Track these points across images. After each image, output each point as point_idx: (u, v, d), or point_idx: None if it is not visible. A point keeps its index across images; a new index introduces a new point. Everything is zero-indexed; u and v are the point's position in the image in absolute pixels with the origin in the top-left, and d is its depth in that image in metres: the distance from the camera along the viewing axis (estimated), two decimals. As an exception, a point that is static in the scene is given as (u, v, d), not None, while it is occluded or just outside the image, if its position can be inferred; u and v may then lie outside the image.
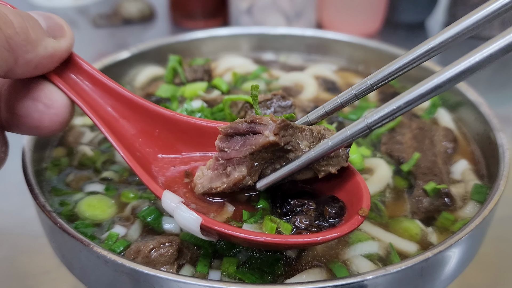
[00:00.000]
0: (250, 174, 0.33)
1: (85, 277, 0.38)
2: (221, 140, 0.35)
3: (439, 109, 0.56)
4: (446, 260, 0.36)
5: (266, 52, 0.68)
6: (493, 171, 0.45)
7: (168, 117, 0.38)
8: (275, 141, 0.32)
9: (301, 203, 0.35)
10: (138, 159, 0.36)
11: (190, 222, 0.32)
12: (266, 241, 0.31)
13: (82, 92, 0.37)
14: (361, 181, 0.34)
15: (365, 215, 0.32)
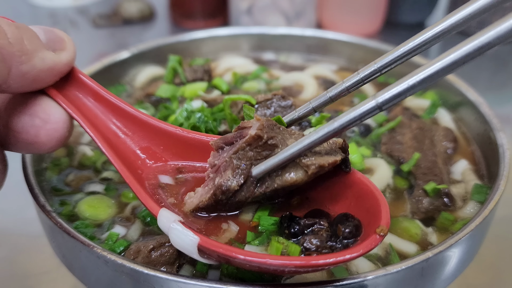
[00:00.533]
0: (234, 176, 0.31)
1: (85, 277, 0.38)
2: (213, 156, 0.34)
3: (439, 109, 0.56)
4: (446, 260, 0.36)
5: (266, 52, 0.68)
6: (493, 171, 0.45)
7: (172, 134, 0.36)
8: (257, 133, 0.30)
9: (311, 222, 0.32)
10: (139, 176, 0.35)
11: (186, 242, 0.30)
12: (269, 263, 0.28)
13: (83, 108, 0.36)
14: (379, 196, 0.31)
15: (384, 234, 0.29)
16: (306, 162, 0.31)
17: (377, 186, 0.44)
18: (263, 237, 0.33)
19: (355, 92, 0.59)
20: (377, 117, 0.54)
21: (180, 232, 0.30)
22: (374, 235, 0.29)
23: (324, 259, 0.28)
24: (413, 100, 0.57)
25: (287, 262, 0.28)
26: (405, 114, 0.54)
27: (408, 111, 0.54)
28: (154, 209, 0.32)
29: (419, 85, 0.26)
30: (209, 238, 0.30)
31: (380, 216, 0.30)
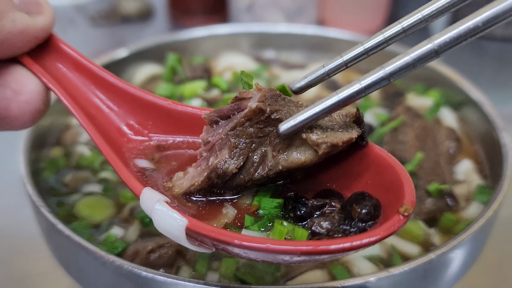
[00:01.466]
0: (232, 156, 0.27)
1: (83, 279, 0.38)
2: (206, 131, 0.29)
3: (441, 108, 0.55)
4: (449, 262, 0.36)
5: (267, 49, 0.68)
6: (496, 171, 0.45)
7: (163, 107, 0.32)
8: (259, 107, 0.26)
9: (321, 203, 0.27)
10: (123, 154, 0.31)
11: (172, 225, 0.25)
12: (271, 249, 0.23)
13: (62, 79, 0.32)
14: (401, 171, 0.26)
15: (409, 214, 0.24)
16: (316, 140, 0.26)
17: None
18: (264, 222, 0.28)
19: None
20: (379, 116, 0.53)
21: (165, 214, 0.25)
22: (397, 215, 0.24)
23: (337, 244, 0.23)
24: (415, 100, 0.57)
25: (292, 247, 0.23)
26: (408, 113, 0.53)
27: (410, 111, 0.54)
28: (136, 188, 0.28)
29: (483, 26, 0.22)
30: (201, 221, 0.26)
31: (403, 194, 0.25)
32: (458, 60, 0.63)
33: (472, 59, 0.73)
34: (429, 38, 0.24)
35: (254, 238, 0.24)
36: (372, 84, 0.25)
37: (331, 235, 0.26)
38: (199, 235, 0.25)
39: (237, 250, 0.25)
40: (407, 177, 0.26)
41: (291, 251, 0.23)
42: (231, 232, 0.25)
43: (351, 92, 0.25)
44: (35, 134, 0.46)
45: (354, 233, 0.26)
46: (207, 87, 0.55)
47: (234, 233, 0.25)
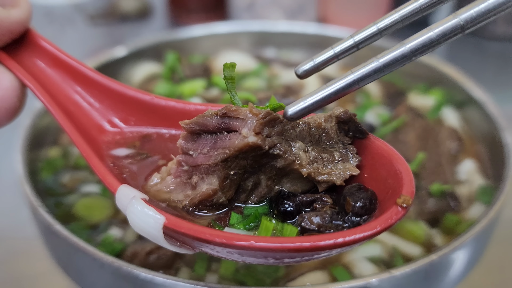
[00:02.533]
0: (223, 188, 0.25)
1: (81, 280, 0.37)
2: (185, 140, 0.26)
3: (443, 108, 0.55)
4: (451, 263, 0.36)
5: (267, 47, 0.67)
6: (499, 171, 0.44)
7: (146, 103, 0.30)
8: (256, 143, 0.24)
9: (311, 199, 0.25)
10: (102, 152, 0.30)
11: (148, 223, 0.23)
12: (255, 247, 0.21)
13: (40, 75, 0.31)
14: (400, 161, 0.24)
15: (408, 205, 0.22)
16: (320, 179, 0.25)
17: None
18: (251, 220, 0.26)
19: (358, 91, 0.58)
20: (381, 116, 0.53)
21: (139, 211, 0.23)
22: (394, 207, 0.22)
23: (328, 240, 0.21)
24: (417, 99, 0.56)
25: (278, 244, 0.21)
26: (409, 113, 0.53)
27: (412, 110, 0.54)
28: (113, 185, 0.26)
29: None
30: (180, 218, 0.24)
31: (402, 185, 0.23)
32: (460, 59, 0.63)
33: (474, 58, 0.73)
34: (454, 13, 0.22)
35: (236, 236, 0.22)
36: (392, 62, 0.22)
37: (322, 231, 0.24)
38: (178, 233, 0.23)
39: (219, 249, 0.23)
40: (406, 166, 0.24)
41: (277, 248, 0.21)
42: (212, 230, 0.23)
43: (368, 70, 0.23)
44: (33, 134, 0.46)
45: (348, 228, 0.24)
46: (206, 86, 0.54)
47: (216, 230, 0.23)
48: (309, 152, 0.25)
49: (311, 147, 0.26)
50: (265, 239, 0.22)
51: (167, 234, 0.23)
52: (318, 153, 0.26)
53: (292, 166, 0.25)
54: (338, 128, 0.26)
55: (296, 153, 0.25)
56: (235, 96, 0.27)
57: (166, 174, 0.27)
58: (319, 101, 0.24)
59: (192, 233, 0.23)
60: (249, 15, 0.88)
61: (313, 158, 0.25)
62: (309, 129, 0.26)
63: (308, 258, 0.24)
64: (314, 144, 0.26)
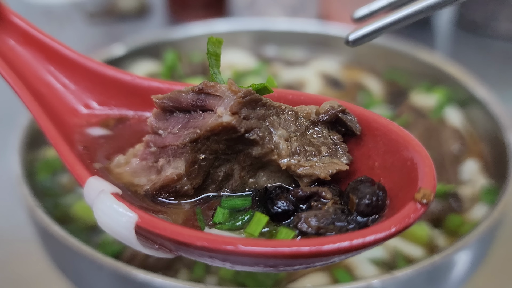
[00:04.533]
0: (190, 174, 0.21)
1: (80, 281, 0.37)
2: (157, 117, 0.23)
3: (446, 107, 0.54)
4: (454, 264, 0.35)
5: (268, 45, 0.66)
6: (502, 171, 0.44)
7: (126, 82, 0.27)
8: (231, 124, 0.20)
9: (307, 194, 0.21)
10: (73, 139, 0.26)
11: (118, 221, 0.19)
12: (241, 252, 0.18)
13: (9, 53, 0.28)
14: (417, 147, 0.20)
15: (429, 201, 0.19)
16: (300, 172, 0.21)
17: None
18: (240, 218, 0.22)
19: (360, 89, 0.58)
20: (383, 115, 0.52)
21: (107, 207, 0.20)
22: (412, 203, 0.19)
23: (332, 243, 0.18)
24: (419, 99, 0.56)
25: (270, 249, 0.18)
26: (411, 112, 0.52)
27: (414, 110, 0.53)
28: (81, 177, 0.22)
29: None
30: (156, 216, 0.21)
31: (419, 176, 0.19)
32: (463, 58, 0.62)
33: (477, 57, 0.72)
34: None
35: (221, 239, 0.19)
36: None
37: (322, 234, 0.20)
38: (153, 234, 0.20)
39: (201, 253, 0.19)
40: (424, 153, 0.20)
41: (269, 253, 0.18)
42: (191, 231, 0.19)
43: (423, 4, 0.22)
44: (30, 134, 0.45)
45: (353, 230, 0.20)
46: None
47: (196, 231, 0.19)
48: (291, 142, 0.22)
49: (295, 138, 0.22)
50: (255, 242, 0.18)
51: (141, 234, 0.20)
52: (302, 145, 0.22)
53: (269, 156, 0.21)
54: (329, 123, 0.23)
55: (276, 142, 0.21)
56: (217, 74, 0.24)
57: (132, 156, 0.24)
58: (379, 29, 0.23)
59: (168, 234, 0.19)
60: (249, 12, 0.87)
61: (295, 150, 0.22)
62: (296, 118, 0.22)
63: (307, 266, 0.20)
64: (299, 135, 0.22)
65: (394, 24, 0.24)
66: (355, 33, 0.24)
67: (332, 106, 0.23)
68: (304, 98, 0.25)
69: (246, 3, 0.87)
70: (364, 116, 0.23)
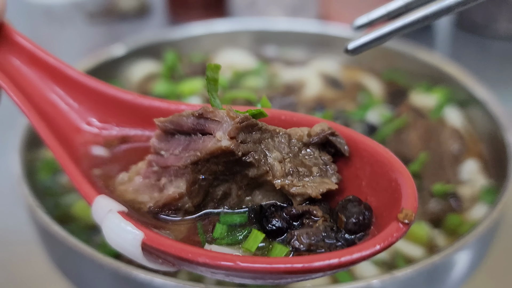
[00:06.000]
0: (191, 193, 0.23)
1: (80, 281, 0.37)
2: (159, 139, 0.25)
3: (445, 107, 0.54)
4: (454, 264, 0.35)
5: (268, 45, 0.67)
6: (502, 171, 0.44)
7: (127, 102, 0.28)
8: (229, 148, 0.22)
9: (299, 213, 0.23)
10: (79, 157, 0.28)
11: (125, 239, 0.21)
12: (240, 268, 0.20)
13: (15, 73, 0.29)
14: (400, 169, 0.22)
15: (410, 221, 0.21)
16: (293, 191, 0.23)
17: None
18: (238, 235, 0.24)
19: (360, 89, 0.58)
20: (383, 116, 0.52)
21: (116, 226, 0.22)
22: (394, 223, 0.20)
23: (322, 261, 0.20)
24: (419, 99, 0.56)
25: (266, 266, 0.20)
26: (411, 112, 0.52)
27: (414, 110, 0.53)
28: (90, 196, 0.24)
29: None
30: (160, 233, 0.22)
31: (401, 196, 0.21)
32: (462, 58, 0.62)
33: (476, 57, 0.73)
34: None
35: (221, 256, 0.21)
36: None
37: (313, 250, 0.22)
38: (158, 251, 0.22)
39: (202, 269, 0.21)
40: (407, 175, 0.22)
41: (265, 270, 0.20)
42: (194, 248, 0.21)
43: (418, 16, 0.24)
44: (31, 133, 0.45)
45: (341, 247, 0.22)
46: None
47: (198, 249, 0.21)
48: (285, 164, 0.24)
49: (288, 159, 0.24)
50: (252, 259, 0.20)
51: (147, 250, 0.22)
52: (295, 166, 0.24)
53: (265, 177, 0.24)
54: (320, 145, 0.25)
55: (271, 164, 0.24)
56: (215, 99, 0.26)
57: (134, 174, 0.26)
58: (378, 38, 0.25)
59: (173, 251, 0.21)
60: (249, 12, 0.87)
61: (288, 171, 0.24)
62: (289, 141, 0.25)
63: (299, 279, 0.22)
64: (292, 156, 0.24)
65: (393, 33, 0.25)
66: (354, 42, 0.26)
67: (322, 129, 0.25)
68: (297, 119, 0.27)
69: (246, 3, 0.87)
70: (352, 138, 0.25)
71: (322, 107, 0.52)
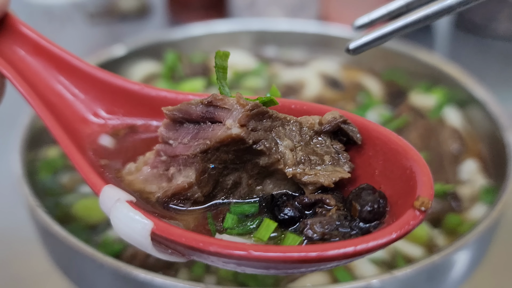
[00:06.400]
0: (200, 182, 0.23)
1: (81, 281, 0.37)
2: (167, 128, 0.24)
3: (445, 107, 0.54)
4: (453, 264, 0.35)
5: (268, 45, 0.67)
6: (501, 171, 0.44)
7: (134, 92, 0.28)
8: (240, 136, 0.22)
9: (312, 201, 0.22)
10: (85, 148, 0.27)
11: (134, 229, 0.21)
12: (253, 257, 0.19)
13: (20, 63, 0.28)
14: (415, 157, 0.22)
15: (427, 208, 0.20)
16: (305, 180, 0.23)
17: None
18: (250, 224, 0.23)
19: (359, 89, 0.58)
20: (382, 116, 0.52)
21: (124, 215, 0.21)
22: (411, 211, 0.20)
23: (337, 249, 0.19)
24: (419, 99, 0.56)
25: (280, 254, 0.19)
26: (410, 112, 0.52)
27: (413, 110, 0.53)
28: (97, 185, 0.23)
29: None
30: (169, 223, 0.22)
31: (416, 184, 0.21)
32: (462, 58, 0.63)
33: (476, 57, 0.73)
34: None
35: (233, 245, 0.20)
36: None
37: (327, 239, 0.21)
38: (168, 241, 0.21)
39: (214, 258, 0.21)
40: (422, 163, 0.21)
41: (279, 258, 0.19)
42: (205, 237, 0.21)
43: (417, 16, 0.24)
44: (31, 133, 0.45)
45: (356, 236, 0.21)
46: (207, 85, 0.54)
47: (210, 238, 0.21)
48: (296, 152, 0.23)
49: (299, 147, 0.24)
50: (265, 248, 0.20)
51: (156, 240, 0.21)
52: (306, 154, 0.24)
53: (276, 166, 0.23)
54: (331, 133, 0.25)
55: (282, 152, 0.23)
56: (224, 87, 0.25)
57: (142, 164, 0.25)
58: (379, 38, 0.25)
59: (183, 241, 0.20)
60: (249, 12, 0.87)
61: (300, 159, 0.23)
62: (300, 129, 0.24)
63: (314, 269, 0.22)
64: (303, 145, 0.24)
65: (394, 33, 0.25)
66: (356, 42, 0.26)
67: (334, 117, 0.24)
68: (307, 108, 0.26)
69: (246, 3, 0.87)
70: (364, 125, 0.25)
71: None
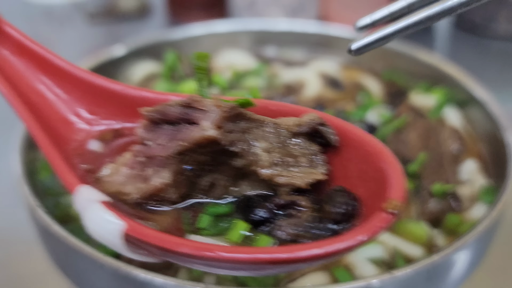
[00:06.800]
0: (176, 183, 0.23)
1: (80, 281, 0.37)
2: (145, 129, 0.24)
3: (445, 107, 0.54)
4: (453, 264, 0.35)
5: (268, 45, 0.67)
6: (501, 171, 0.44)
7: (116, 92, 0.28)
8: (215, 138, 0.22)
9: (285, 203, 0.23)
10: (66, 148, 0.27)
11: (106, 229, 0.21)
12: (223, 258, 0.20)
13: (2, 63, 0.28)
14: (388, 158, 0.22)
15: (396, 211, 0.20)
16: (280, 182, 0.23)
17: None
18: (222, 225, 0.23)
19: (359, 89, 0.58)
20: (382, 116, 0.52)
21: (96, 215, 0.21)
22: (380, 213, 0.20)
23: (306, 250, 0.19)
24: (418, 99, 0.56)
25: (247, 256, 0.19)
26: (410, 113, 0.52)
27: (413, 110, 0.53)
28: (71, 184, 0.23)
29: None
30: (143, 224, 0.22)
31: (387, 185, 0.21)
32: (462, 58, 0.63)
33: (476, 57, 0.73)
34: None
35: (203, 246, 0.20)
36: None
37: (298, 241, 0.22)
38: (140, 242, 0.21)
39: (183, 259, 0.21)
40: (395, 165, 0.21)
41: (246, 260, 0.19)
42: (177, 239, 0.21)
43: (419, 17, 0.24)
44: (31, 133, 0.45)
45: (327, 237, 0.21)
46: (206, 85, 0.54)
47: (182, 239, 0.21)
48: (272, 154, 0.24)
49: (275, 149, 0.24)
50: (235, 249, 0.20)
51: (129, 241, 0.21)
52: (282, 156, 0.24)
53: (251, 167, 0.23)
54: (308, 135, 0.25)
55: (258, 153, 0.23)
56: (204, 88, 0.25)
57: (121, 165, 0.25)
58: (381, 38, 0.25)
59: (154, 241, 0.20)
60: (249, 12, 0.87)
61: (275, 161, 0.24)
62: (277, 130, 0.24)
63: (284, 270, 0.23)
64: (280, 146, 0.24)
65: (396, 34, 0.26)
66: (358, 43, 0.26)
67: (311, 119, 0.24)
68: (287, 110, 0.26)
69: (246, 3, 0.87)
70: (342, 128, 0.25)
71: (322, 107, 0.52)
